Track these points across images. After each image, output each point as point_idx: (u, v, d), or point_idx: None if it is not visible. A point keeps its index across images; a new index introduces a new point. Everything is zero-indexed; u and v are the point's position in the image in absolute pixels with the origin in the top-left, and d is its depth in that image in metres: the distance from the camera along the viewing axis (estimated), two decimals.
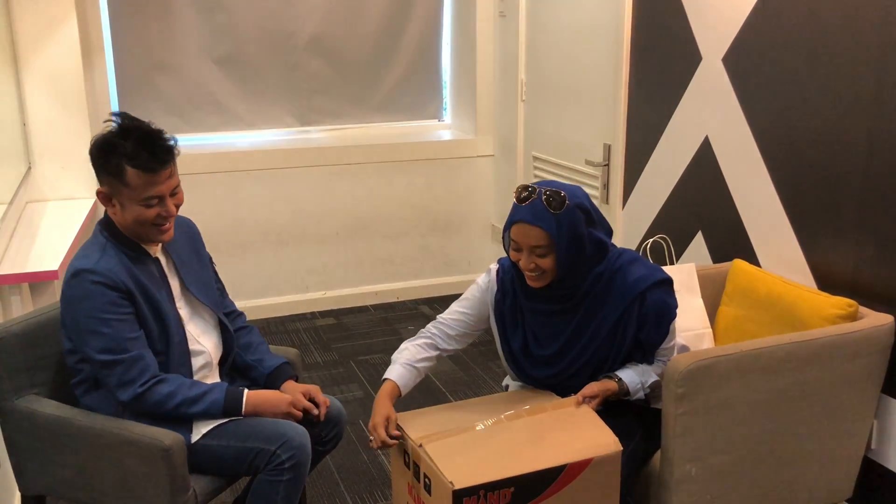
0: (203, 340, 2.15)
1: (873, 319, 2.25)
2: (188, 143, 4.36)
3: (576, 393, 2.12)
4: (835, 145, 2.45)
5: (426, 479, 1.91)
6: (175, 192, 2.02)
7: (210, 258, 2.29)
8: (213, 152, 4.26)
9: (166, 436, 1.94)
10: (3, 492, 2.45)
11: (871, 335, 2.22)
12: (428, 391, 3.57)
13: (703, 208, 3.02)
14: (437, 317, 2.32)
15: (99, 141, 1.98)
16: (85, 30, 3.78)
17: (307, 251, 4.52)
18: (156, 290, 2.04)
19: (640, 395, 2.15)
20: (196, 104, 4.32)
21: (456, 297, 2.16)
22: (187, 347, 2.10)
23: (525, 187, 2.05)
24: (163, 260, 2.11)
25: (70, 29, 3.49)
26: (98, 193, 2.01)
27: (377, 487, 2.87)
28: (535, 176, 4.21)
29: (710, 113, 2.93)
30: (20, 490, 2.16)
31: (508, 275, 2.20)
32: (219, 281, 2.32)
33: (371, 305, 4.64)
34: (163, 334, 2.04)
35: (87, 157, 3.54)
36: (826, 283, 2.51)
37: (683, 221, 3.12)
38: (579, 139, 3.76)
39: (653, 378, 2.15)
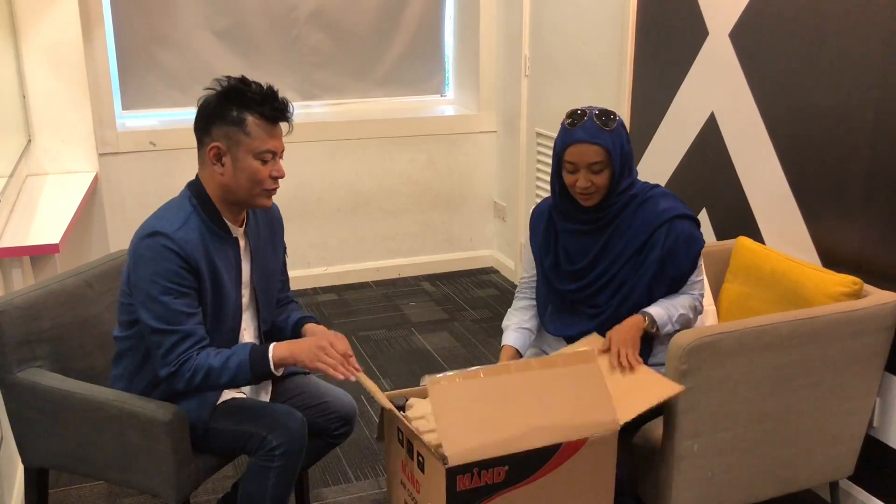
0: (246, 335, 2.12)
1: (878, 297, 2.25)
2: (188, 116, 4.30)
3: (599, 310, 2.24)
4: (842, 122, 2.42)
5: (419, 458, 1.90)
6: (281, 157, 2.00)
7: (284, 248, 2.23)
8: None
9: (168, 409, 1.94)
10: (6, 464, 2.45)
11: (876, 313, 2.21)
12: (430, 368, 3.57)
13: (707, 185, 3.00)
14: (521, 278, 2.49)
15: (220, 91, 1.95)
16: (84, 2, 3.73)
17: (308, 227, 4.51)
18: (226, 272, 1.98)
19: (669, 329, 2.18)
20: (196, 77, 4.28)
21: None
22: (238, 336, 2.07)
23: (573, 112, 2.16)
24: (241, 242, 2.06)
25: (70, 1, 3.45)
26: (210, 150, 1.94)
27: (378, 462, 2.87)
28: (539, 153, 4.18)
29: (716, 89, 2.90)
30: (23, 463, 2.16)
31: (541, 208, 2.36)
32: (284, 273, 2.26)
33: (372, 282, 4.63)
34: (216, 319, 1.99)
35: (88, 131, 3.59)
36: (831, 260, 2.50)
37: (688, 198, 3.08)
38: None
39: (680, 311, 2.20)
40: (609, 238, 2.22)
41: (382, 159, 4.54)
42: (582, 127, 2.12)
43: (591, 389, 2.00)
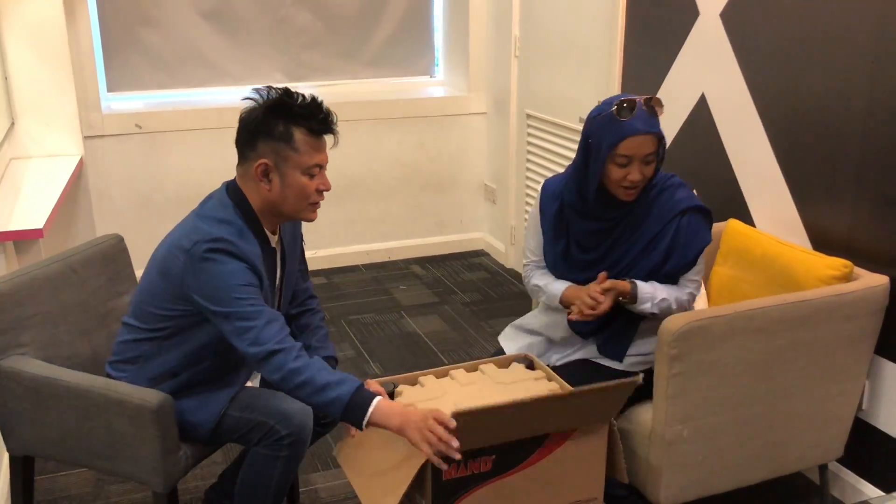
0: None
1: (868, 280, 2.24)
2: (174, 98, 4.29)
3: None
4: (833, 104, 2.41)
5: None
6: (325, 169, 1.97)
7: (301, 237, 2.21)
8: (201, 108, 4.17)
9: (155, 396, 1.92)
10: None
11: (866, 296, 2.21)
12: (420, 352, 3.56)
13: (697, 167, 2.98)
14: (525, 255, 2.37)
15: (265, 105, 1.91)
16: None
17: None
18: (268, 280, 1.99)
19: (647, 306, 2.14)
20: (182, 59, 4.23)
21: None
22: None
23: (620, 102, 2.03)
24: (277, 251, 2.06)
25: None
26: (257, 167, 1.91)
27: None
28: (529, 134, 4.16)
29: (707, 70, 2.88)
30: (8, 451, 2.14)
31: (552, 188, 2.27)
32: (303, 261, 2.25)
33: (362, 265, 4.61)
34: None
35: (72, 113, 3.54)
36: (821, 243, 2.49)
37: None
38: (573, 96, 3.70)
39: (665, 296, 2.15)
40: (622, 231, 2.18)
41: (371, 141, 4.51)
42: (637, 117, 2.01)
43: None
